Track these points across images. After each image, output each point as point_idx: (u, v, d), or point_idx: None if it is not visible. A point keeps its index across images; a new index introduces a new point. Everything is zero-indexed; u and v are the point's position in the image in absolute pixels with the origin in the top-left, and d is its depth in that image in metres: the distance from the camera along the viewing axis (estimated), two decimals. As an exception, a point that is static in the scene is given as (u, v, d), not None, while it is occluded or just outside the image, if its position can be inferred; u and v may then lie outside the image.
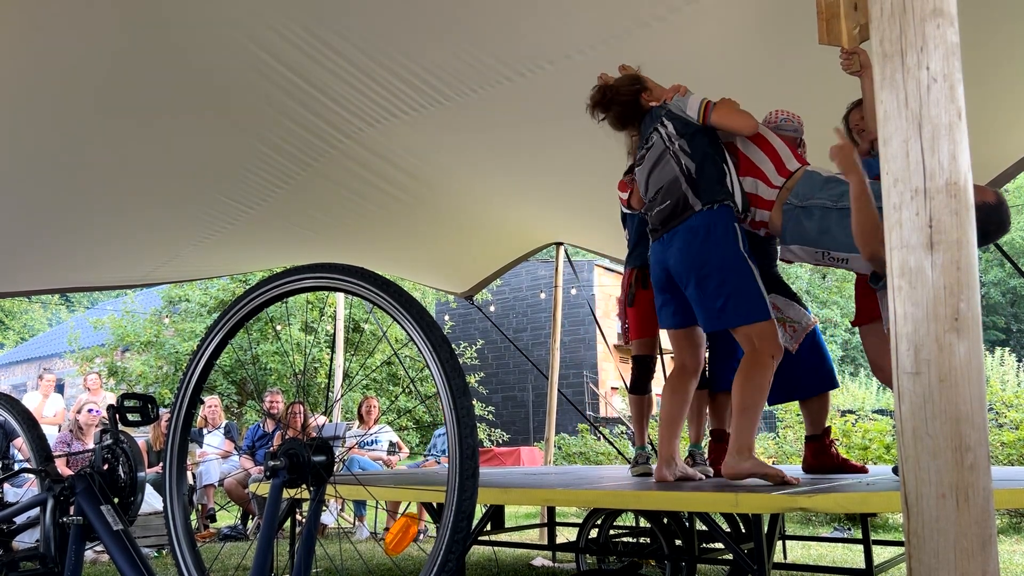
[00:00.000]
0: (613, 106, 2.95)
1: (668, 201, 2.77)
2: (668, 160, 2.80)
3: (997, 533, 1.82)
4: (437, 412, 13.11)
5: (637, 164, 2.95)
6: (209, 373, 1.83)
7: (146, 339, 15.35)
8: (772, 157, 2.84)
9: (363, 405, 6.85)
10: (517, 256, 6.34)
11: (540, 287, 18.95)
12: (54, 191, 4.12)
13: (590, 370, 18.90)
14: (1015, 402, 7.10)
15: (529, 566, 4.53)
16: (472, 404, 1.41)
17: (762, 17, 3.13)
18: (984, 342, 1.21)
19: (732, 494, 2.32)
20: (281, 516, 3.62)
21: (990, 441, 1.67)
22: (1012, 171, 4.17)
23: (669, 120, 2.82)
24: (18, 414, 2.30)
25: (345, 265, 1.55)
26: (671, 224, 2.76)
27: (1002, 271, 28.19)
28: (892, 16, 1.16)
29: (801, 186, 2.74)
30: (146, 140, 3.74)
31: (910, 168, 1.12)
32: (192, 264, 5.51)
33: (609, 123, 3.01)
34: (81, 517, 1.85)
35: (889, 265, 1.13)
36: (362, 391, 14.32)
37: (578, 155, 4.15)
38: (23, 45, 2.93)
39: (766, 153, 2.85)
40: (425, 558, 1.39)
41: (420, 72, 3.38)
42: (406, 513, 1.64)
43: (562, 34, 3.17)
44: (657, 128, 2.85)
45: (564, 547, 4.11)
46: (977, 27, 2.80)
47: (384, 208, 4.88)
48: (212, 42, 3.09)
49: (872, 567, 3.11)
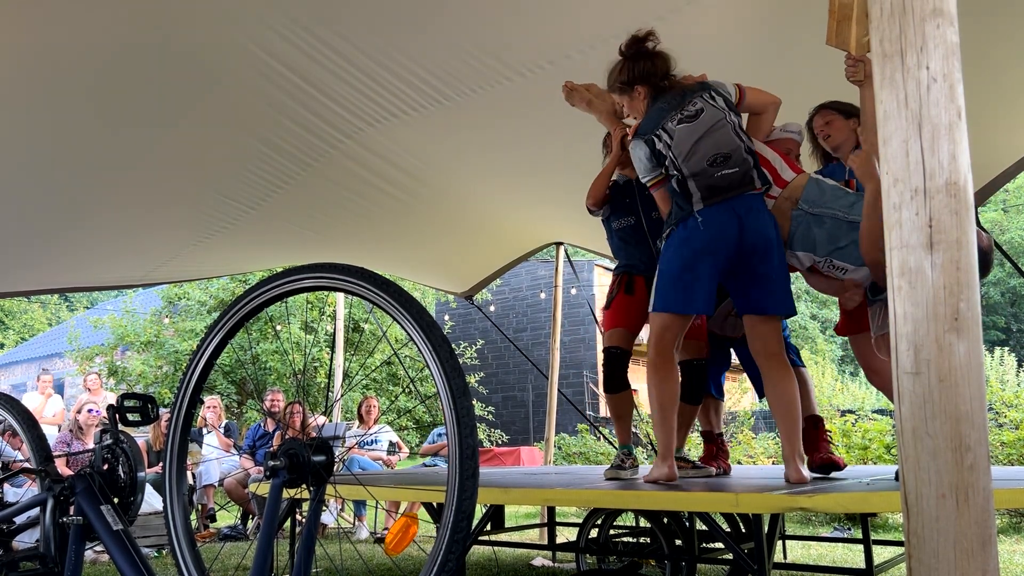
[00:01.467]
0: (655, 58, 2.79)
1: (737, 168, 2.66)
2: (728, 130, 2.69)
3: (997, 533, 1.82)
4: (437, 412, 13.11)
5: (685, 122, 2.70)
6: (209, 373, 1.83)
7: (146, 339, 15.36)
8: (768, 169, 2.80)
9: (363, 405, 6.85)
10: (517, 256, 6.34)
11: (540, 287, 18.95)
12: (54, 191, 4.12)
13: (590, 370, 18.89)
14: (1015, 402, 7.09)
15: (529, 566, 4.53)
16: (472, 404, 1.41)
17: (762, 18, 3.13)
18: (984, 342, 1.21)
19: (732, 494, 2.32)
20: (281, 516, 3.62)
21: (990, 441, 1.67)
22: (1012, 171, 4.17)
23: (716, 95, 2.75)
24: (18, 414, 2.30)
25: (345, 265, 1.55)
26: (735, 192, 2.64)
27: (1002, 271, 28.20)
28: (892, 16, 1.16)
29: (810, 192, 2.72)
30: (146, 140, 3.74)
31: (910, 168, 1.12)
32: (192, 264, 5.51)
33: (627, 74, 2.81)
34: (81, 517, 1.85)
35: (889, 265, 1.13)
36: (362, 391, 14.32)
37: (578, 155, 4.14)
38: (23, 45, 2.93)
39: (762, 167, 2.81)
40: (425, 558, 1.39)
41: (420, 72, 3.38)
42: (406, 513, 1.64)
43: (562, 34, 3.17)
44: (704, 98, 2.73)
45: (564, 547, 4.11)
46: (977, 27, 2.80)
47: (384, 208, 4.88)
48: (212, 42, 3.09)
49: (872, 567, 3.11)
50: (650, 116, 2.78)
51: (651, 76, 2.80)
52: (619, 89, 2.87)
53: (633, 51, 2.83)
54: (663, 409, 2.72)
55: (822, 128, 3.04)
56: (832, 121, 3.01)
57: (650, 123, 2.76)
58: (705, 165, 2.67)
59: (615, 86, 2.88)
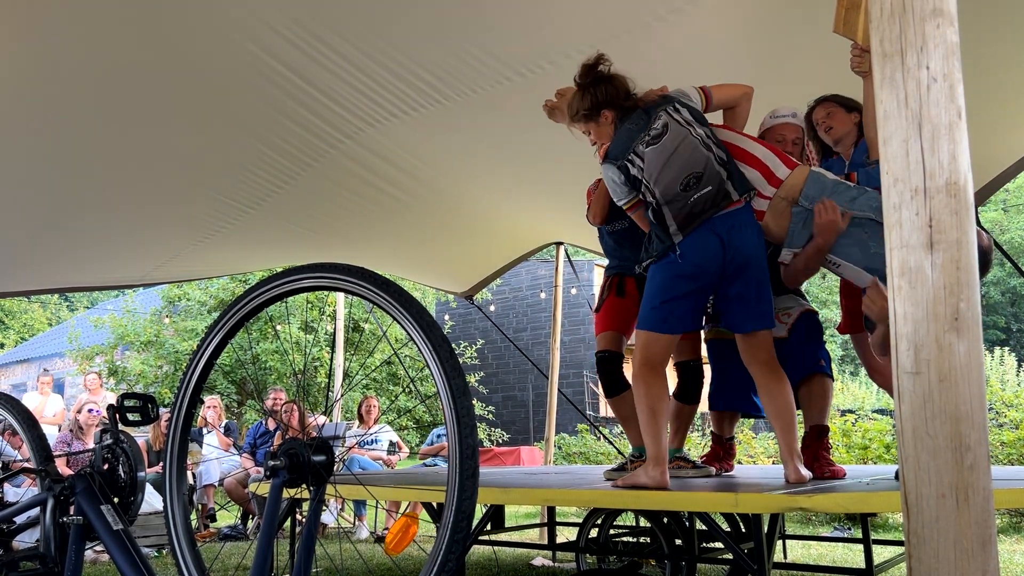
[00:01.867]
0: (613, 80, 2.74)
1: (711, 187, 2.59)
2: (695, 145, 2.63)
3: (997, 533, 1.82)
4: (437, 412, 13.10)
5: (652, 143, 2.66)
6: (209, 373, 1.83)
7: (146, 339, 15.37)
8: (759, 168, 2.73)
9: (363, 405, 6.85)
10: (517, 256, 6.34)
11: (540, 287, 18.96)
12: (54, 191, 4.12)
13: (590, 370, 18.88)
14: (1015, 402, 7.09)
15: (529, 566, 4.53)
16: (472, 404, 1.41)
17: (763, 17, 3.13)
18: (984, 342, 1.21)
19: (732, 494, 2.32)
20: (281, 516, 3.62)
21: (990, 441, 1.67)
22: (1012, 171, 4.17)
23: (681, 107, 2.71)
24: (18, 414, 2.30)
25: (345, 265, 1.55)
26: (712, 212, 2.59)
27: (1002, 271, 28.20)
28: (892, 16, 1.16)
29: (810, 188, 2.66)
30: (146, 140, 3.74)
31: (910, 168, 1.12)
32: (192, 264, 5.51)
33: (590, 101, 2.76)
34: (81, 517, 1.85)
35: (889, 265, 1.13)
36: (362, 391, 14.32)
37: (578, 154, 4.14)
38: (23, 45, 2.93)
39: (752, 166, 2.74)
40: (425, 558, 1.39)
41: (420, 72, 3.38)
42: (406, 513, 1.65)
43: (562, 34, 3.17)
44: (668, 112, 2.68)
45: (564, 547, 4.11)
46: (977, 27, 2.80)
47: (384, 208, 4.87)
48: (212, 42, 3.09)
49: (872, 567, 3.10)
50: (619, 139, 2.73)
51: (614, 98, 2.76)
52: (584, 117, 2.81)
53: (590, 78, 2.78)
54: (651, 414, 2.66)
55: (824, 120, 2.98)
56: (834, 113, 2.96)
57: (620, 147, 2.71)
58: (678, 190, 2.61)
59: (579, 115, 2.82)
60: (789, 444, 2.69)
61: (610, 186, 2.82)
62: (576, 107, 2.82)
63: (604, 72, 2.78)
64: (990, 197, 4.55)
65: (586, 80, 2.80)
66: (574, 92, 2.84)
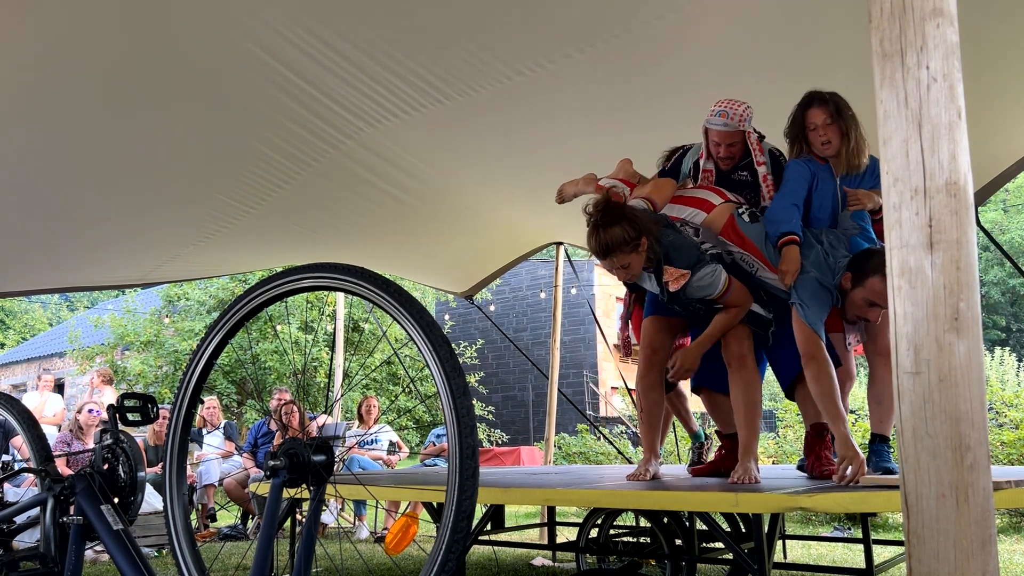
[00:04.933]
0: (624, 221, 2.71)
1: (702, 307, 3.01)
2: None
3: (997, 533, 1.82)
4: (437, 412, 13.10)
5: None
6: (209, 373, 1.83)
7: (146, 339, 15.37)
8: (698, 206, 2.96)
9: (363, 405, 6.85)
10: (517, 256, 6.34)
11: (540, 287, 18.95)
12: (54, 191, 4.12)
13: (590, 370, 18.90)
14: (1015, 402, 7.09)
15: (529, 566, 4.53)
16: (472, 404, 1.41)
17: (763, 17, 3.13)
18: (984, 342, 1.21)
19: (732, 494, 2.32)
20: (281, 516, 3.62)
21: (990, 441, 1.67)
22: (1012, 171, 4.17)
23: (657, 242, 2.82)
24: (18, 414, 2.30)
25: (345, 265, 1.55)
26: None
27: (1002, 271, 28.19)
28: (892, 16, 1.16)
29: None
30: (146, 140, 3.74)
31: (910, 168, 1.12)
32: (192, 264, 5.51)
33: (634, 229, 2.71)
34: (81, 517, 1.85)
35: (889, 265, 1.13)
36: (362, 391, 14.32)
37: (578, 154, 4.14)
38: (24, 45, 2.93)
39: (692, 206, 2.98)
40: (425, 558, 1.39)
41: (420, 71, 3.38)
42: (406, 513, 1.65)
43: (562, 33, 3.17)
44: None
45: (564, 547, 4.11)
46: (977, 27, 2.80)
47: (384, 208, 4.87)
48: (212, 42, 3.09)
49: (872, 567, 3.10)
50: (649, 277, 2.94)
51: (646, 221, 2.77)
52: (633, 247, 2.73)
53: (619, 212, 2.73)
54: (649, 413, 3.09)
55: (823, 131, 2.85)
56: (834, 125, 2.83)
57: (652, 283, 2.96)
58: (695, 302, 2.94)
59: (627, 247, 2.72)
60: (747, 443, 2.84)
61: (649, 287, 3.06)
62: (619, 239, 2.72)
63: (620, 206, 2.82)
64: (990, 197, 4.55)
65: (616, 215, 2.76)
66: (607, 230, 2.74)
